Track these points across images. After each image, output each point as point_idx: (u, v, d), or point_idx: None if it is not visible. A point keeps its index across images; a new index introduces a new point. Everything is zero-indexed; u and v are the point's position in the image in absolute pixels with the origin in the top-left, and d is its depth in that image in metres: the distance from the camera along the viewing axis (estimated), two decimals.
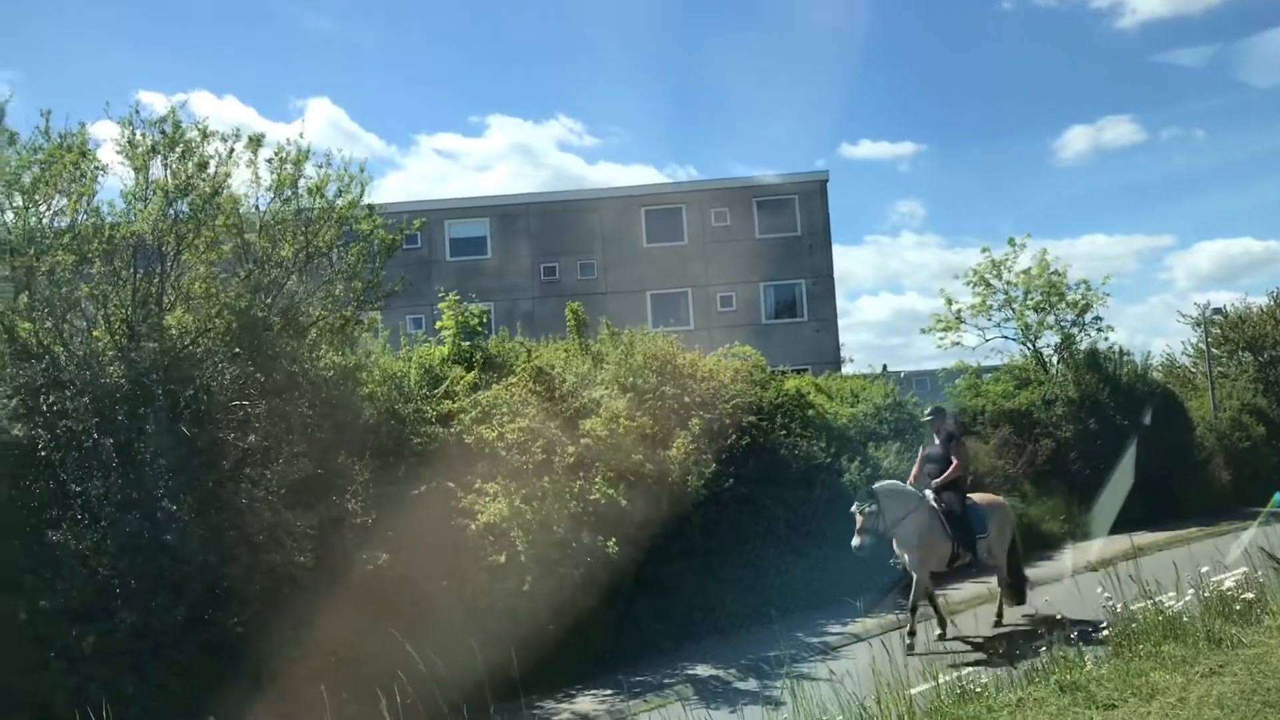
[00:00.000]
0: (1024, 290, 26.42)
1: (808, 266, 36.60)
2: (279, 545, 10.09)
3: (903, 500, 11.81)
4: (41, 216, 10.21)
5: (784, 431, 16.02)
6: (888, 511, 11.51)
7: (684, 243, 36.73)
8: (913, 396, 21.44)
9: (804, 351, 33.84)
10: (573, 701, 10.80)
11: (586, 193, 39.07)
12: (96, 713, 7.70)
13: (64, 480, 9.54)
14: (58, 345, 10.14)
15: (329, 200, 11.82)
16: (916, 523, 11.76)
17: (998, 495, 13.41)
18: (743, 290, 36.38)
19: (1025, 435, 22.05)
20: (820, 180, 37.58)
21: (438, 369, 14.14)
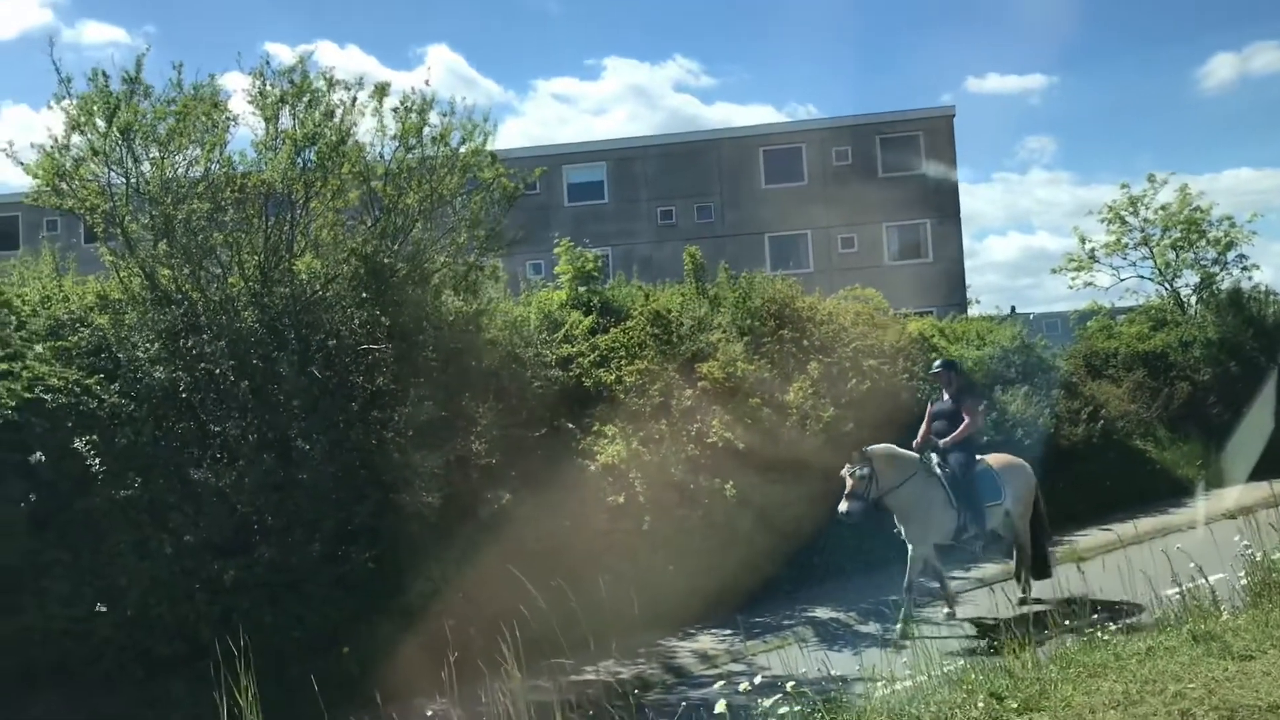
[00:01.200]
0: (1162, 228, 25.33)
1: (933, 206, 35.68)
2: (407, 485, 10.39)
3: (900, 464, 10.77)
4: (177, 167, 10.57)
5: (906, 375, 15.75)
6: (882, 476, 10.52)
7: (803, 183, 36.15)
8: (1042, 339, 20.85)
9: (928, 294, 33.07)
10: (692, 640, 10.93)
11: (704, 134, 38.69)
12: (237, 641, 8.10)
13: (204, 420, 9.97)
14: (195, 291, 10.55)
15: (452, 148, 11.96)
16: (915, 489, 10.72)
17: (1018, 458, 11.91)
18: (864, 231, 35.71)
19: (1160, 378, 21.26)
20: (946, 116, 36.47)
21: (557, 314, 14.30)
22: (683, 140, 37.57)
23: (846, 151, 35.89)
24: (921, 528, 10.72)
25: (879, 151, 35.98)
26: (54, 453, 8.88)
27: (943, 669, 6.42)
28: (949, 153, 36.13)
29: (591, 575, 10.17)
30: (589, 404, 12.87)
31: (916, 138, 35.99)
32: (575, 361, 13.20)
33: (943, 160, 35.99)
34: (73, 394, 9.38)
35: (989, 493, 10.96)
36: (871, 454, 10.53)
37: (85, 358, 9.95)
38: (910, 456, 10.94)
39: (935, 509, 10.73)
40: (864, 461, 10.47)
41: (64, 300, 10.68)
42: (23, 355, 9.45)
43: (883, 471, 10.49)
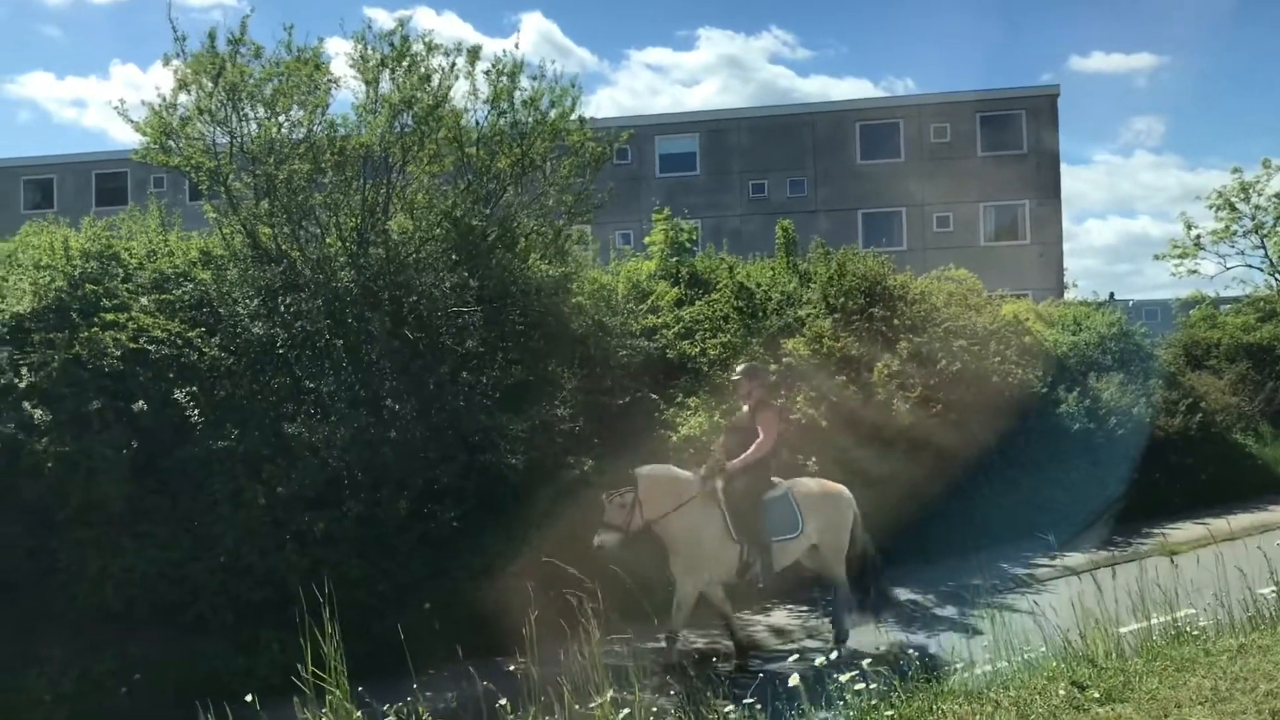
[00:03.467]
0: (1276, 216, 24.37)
1: (1032, 186, 34.85)
2: (493, 446, 10.54)
3: (675, 487, 9.00)
4: (280, 127, 10.82)
5: (997, 358, 15.46)
6: (649, 501, 8.81)
7: (900, 159, 35.58)
8: (1141, 326, 20.28)
9: (1024, 276, 32.36)
10: (768, 614, 10.94)
11: (798, 107, 38.29)
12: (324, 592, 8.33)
13: (299, 377, 10.22)
14: (294, 250, 10.79)
15: (543, 113, 12.00)
16: (690, 518, 8.90)
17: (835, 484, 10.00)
18: (961, 210, 35.04)
19: (1265, 372, 20.57)
20: (1050, 95, 35.52)
21: (644, 283, 14.33)
22: (777, 113, 37.21)
23: (945, 128, 35.20)
24: (691, 562, 8.93)
25: (979, 129, 35.23)
26: (156, 402, 9.19)
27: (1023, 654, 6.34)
28: (1051, 132, 35.21)
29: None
30: (673, 375, 12.90)
31: (1018, 116, 35.14)
32: (660, 332, 13.22)
33: (1044, 140, 35.08)
34: (175, 346, 9.69)
35: (782, 524, 9.14)
36: (638, 476, 8.89)
37: (188, 311, 10.27)
38: (688, 479, 9.15)
39: (711, 541, 8.95)
40: (627, 486, 8.87)
41: (169, 255, 11.03)
42: (129, 307, 9.78)
43: (650, 496, 8.81)
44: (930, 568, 12.47)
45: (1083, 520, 14.31)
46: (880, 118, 36.05)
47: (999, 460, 14.59)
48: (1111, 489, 15.38)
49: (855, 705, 5.51)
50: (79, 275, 9.90)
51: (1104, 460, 15.96)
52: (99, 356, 9.11)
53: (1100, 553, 11.51)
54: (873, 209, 35.08)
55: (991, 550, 11.49)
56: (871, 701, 5.57)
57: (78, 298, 9.69)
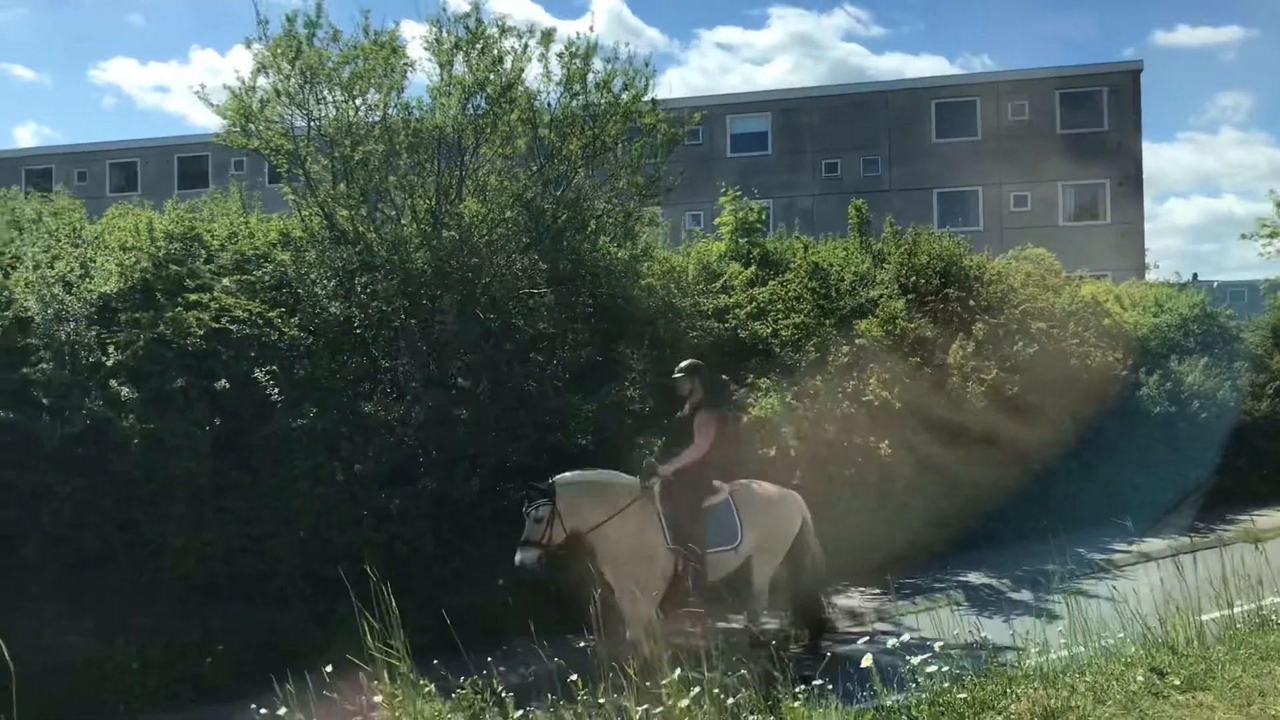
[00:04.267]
0: None
1: (1113, 165, 33.99)
2: (563, 426, 10.63)
3: (604, 496, 8.28)
4: (357, 110, 10.98)
5: (1076, 340, 15.16)
6: (573, 512, 8.06)
7: (976, 138, 34.94)
8: (1226, 308, 19.73)
9: (1104, 256, 31.61)
10: (840, 597, 10.89)
11: (873, 85, 37.77)
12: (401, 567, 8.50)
13: (375, 356, 10.39)
14: (370, 231, 10.96)
15: (614, 94, 12.01)
16: (626, 527, 8.20)
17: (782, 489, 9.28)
18: (1039, 190, 34.33)
19: None
20: (1133, 70, 34.58)
21: (715, 264, 14.28)
22: (851, 91, 36.75)
23: (1024, 106, 34.48)
24: (634, 576, 8.11)
25: (1058, 107, 34.45)
26: (237, 381, 9.41)
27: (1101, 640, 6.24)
28: (1133, 110, 34.31)
29: None
30: (743, 356, 12.85)
31: (1099, 94, 34.29)
32: (731, 313, 13.18)
33: (1126, 118, 34.19)
34: (255, 326, 9.90)
35: (721, 534, 8.42)
36: (558, 486, 8.10)
37: (268, 292, 10.49)
38: (623, 484, 8.47)
39: (647, 551, 8.21)
40: (544, 497, 8.06)
41: (249, 236, 11.26)
42: (211, 287, 10.01)
43: (574, 507, 8.08)
44: (1003, 552, 12.33)
45: (1163, 506, 14.02)
46: (956, 96, 35.40)
47: (1076, 444, 14.33)
48: (1193, 474, 15.04)
49: (928, 688, 5.48)
50: (163, 256, 10.15)
51: (1186, 445, 15.59)
52: (183, 336, 9.35)
53: (1181, 539, 11.24)
54: (948, 188, 34.51)
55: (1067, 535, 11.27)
56: (944, 684, 5.54)
57: (162, 278, 9.94)
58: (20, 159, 40.03)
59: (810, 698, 5.43)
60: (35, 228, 10.76)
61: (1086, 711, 5.19)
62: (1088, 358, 14.96)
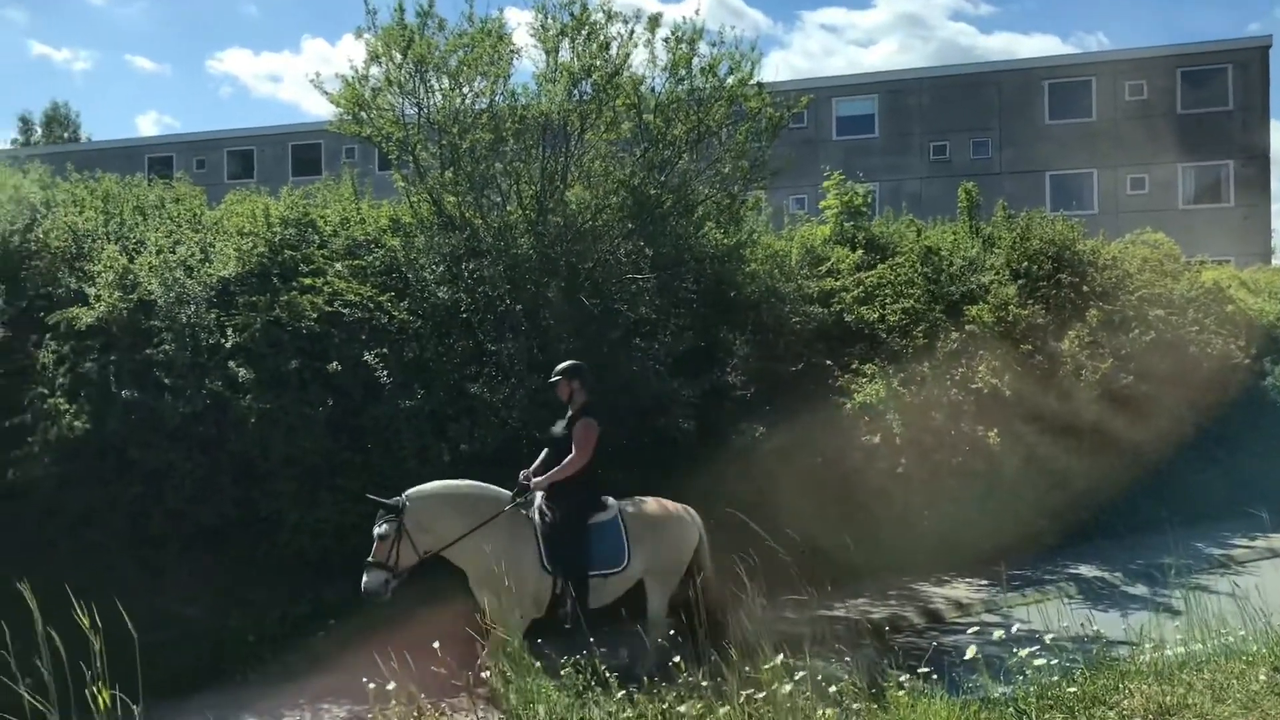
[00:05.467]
0: None
1: (1237, 145, 32.60)
2: (665, 411, 10.66)
3: (462, 509, 7.41)
4: (464, 98, 11.13)
5: (1195, 328, 14.61)
6: (424, 529, 7.18)
7: (1091, 119, 33.84)
8: None
9: (1227, 241, 30.36)
10: (945, 587, 10.73)
11: (983, 65, 36.88)
12: None
13: (481, 340, 10.56)
14: (477, 218, 11.12)
15: (720, 79, 11.94)
16: (493, 543, 7.26)
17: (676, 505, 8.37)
18: (1157, 171, 33.11)
19: None
20: (1260, 46, 33.08)
21: (819, 249, 14.14)
22: (961, 72, 35.93)
23: (1141, 85, 33.27)
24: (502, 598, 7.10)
25: (1179, 85, 33.14)
26: (349, 363, 9.66)
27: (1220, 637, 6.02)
28: (1261, 88, 32.83)
29: (842, 514, 10.15)
30: (848, 341, 12.71)
31: (1223, 71, 32.88)
32: (837, 297, 13.03)
33: (1252, 96, 32.75)
34: (366, 309, 10.16)
35: (605, 555, 7.59)
36: (408, 499, 7.23)
37: (378, 276, 10.74)
38: (486, 496, 7.62)
39: (518, 571, 7.24)
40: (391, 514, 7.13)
41: (361, 222, 11.54)
42: (324, 272, 10.29)
43: (425, 523, 7.22)
44: (1117, 544, 11.99)
45: None
46: (1071, 75, 34.32)
47: (1195, 435, 13.84)
48: None
49: (1036, 680, 5.36)
50: (279, 242, 10.47)
51: None
52: (297, 319, 9.64)
53: None
54: (1061, 171, 33.52)
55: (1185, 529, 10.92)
56: (1053, 677, 5.41)
57: (278, 263, 10.26)
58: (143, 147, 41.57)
59: (915, 688, 5.36)
60: (158, 213, 11.18)
61: (1204, 710, 5.03)
62: (1208, 346, 14.43)
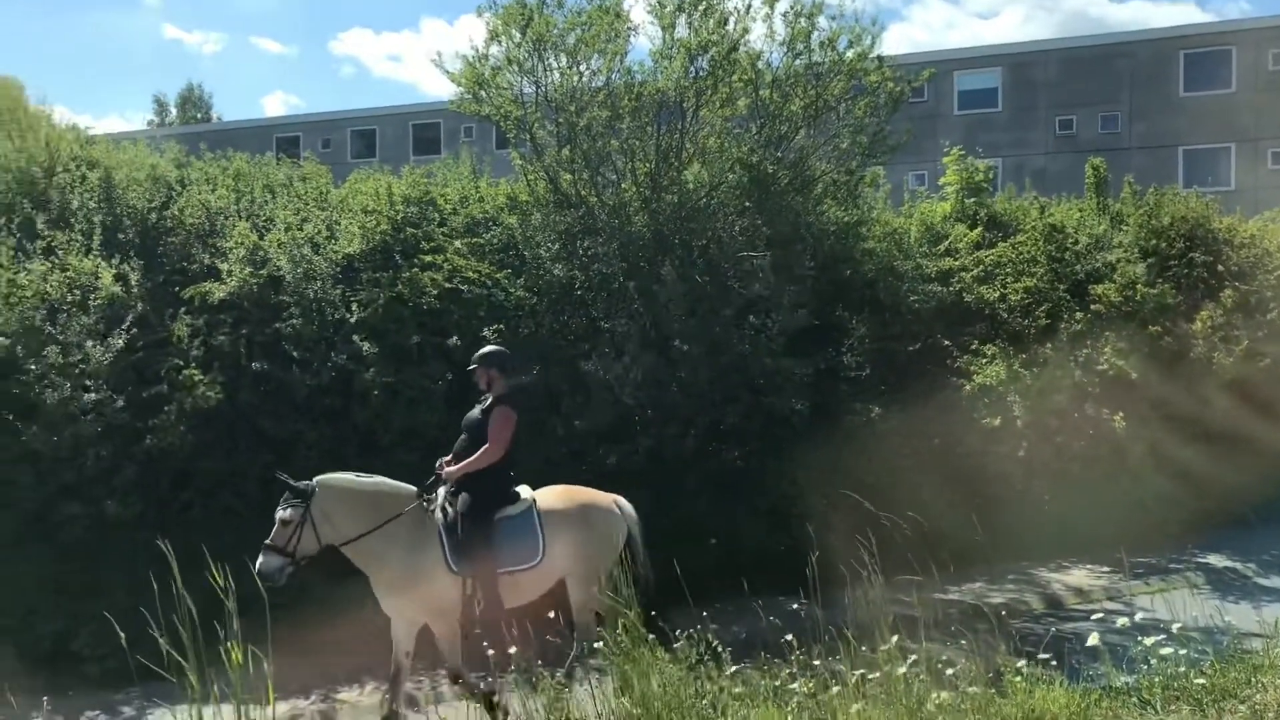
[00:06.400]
0: None
1: None
2: (777, 390, 10.61)
3: (367, 505, 6.85)
4: (581, 76, 11.21)
5: None
6: (327, 520, 6.68)
7: (1231, 90, 32.24)
8: None
9: None
10: (1065, 573, 10.48)
11: (1114, 36, 35.45)
12: None
13: (595, 317, 10.67)
14: (592, 196, 11.20)
15: (839, 53, 11.78)
16: (394, 541, 6.79)
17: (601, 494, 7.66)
18: None
19: None
20: None
21: (939, 226, 13.85)
22: (1091, 43, 34.60)
23: None
24: (401, 599, 6.85)
25: None
26: (467, 338, 9.86)
27: None
28: None
29: (959, 497, 9.99)
30: (968, 321, 12.44)
31: None
32: (956, 276, 12.75)
33: None
34: (484, 286, 10.36)
35: (518, 551, 6.99)
36: (319, 486, 6.74)
37: (495, 254, 10.93)
38: (393, 492, 7.03)
39: (422, 572, 6.82)
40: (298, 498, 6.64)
41: (479, 200, 11.74)
42: (444, 249, 10.51)
43: (330, 514, 6.71)
44: (1250, 535, 11.52)
45: None
46: (1209, 45, 32.76)
47: None
48: None
49: (1161, 671, 5.20)
50: (400, 219, 10.73)
51: None
52: (418, 295, 9.89)
53: None
54: (1196, 145, 32.06)
55: None
56: (1180, 668, 5.24)
57: (400, 240, 10.52)
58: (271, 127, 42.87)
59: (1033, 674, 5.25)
60: (286, 191, 11.54)
61: None
62: None
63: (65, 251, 9.17)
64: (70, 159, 10.51)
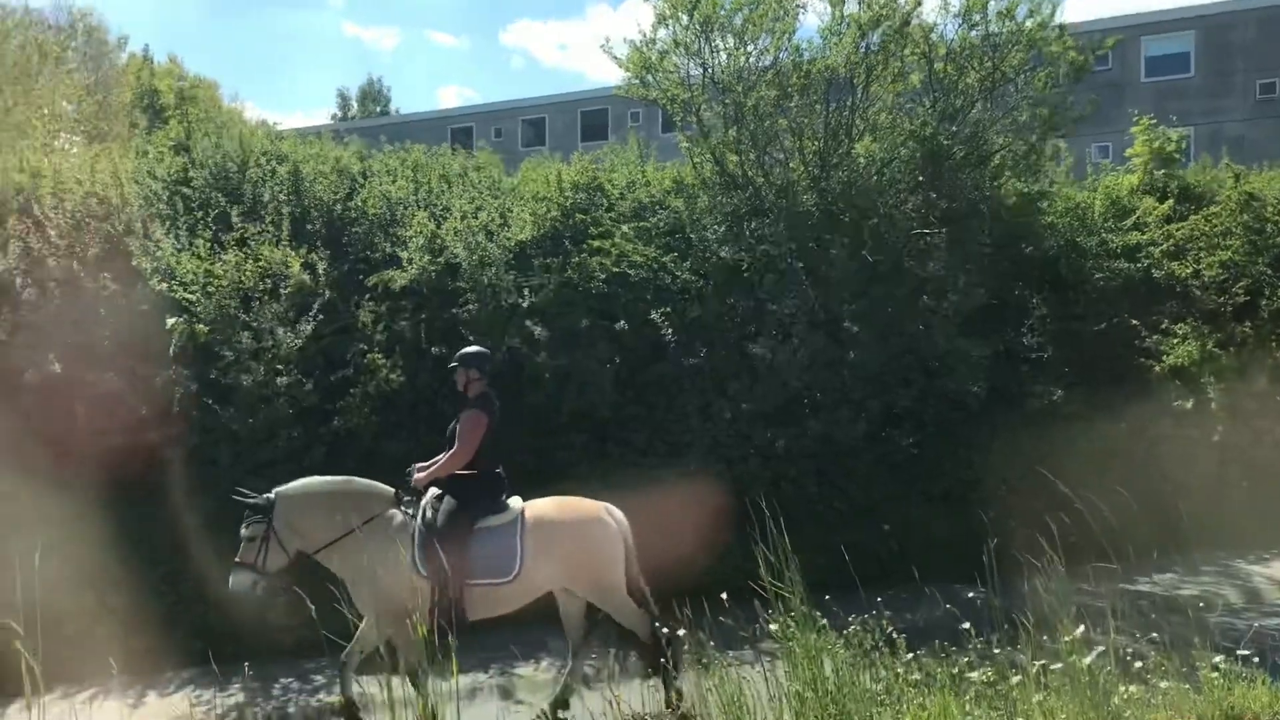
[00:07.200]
0: None
1: None
2: (952, 372, 10.33)
3: (334, 509, 6.61)
4: (748, 56, 11.15)
5: None
6: (293, 530, 6.52)
7: None
8: None
9: None
10: (1267, 565, 9.85)
11: None
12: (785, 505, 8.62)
13: (762, 299, 10.59)
14: (759, 176, 11.13)
15: (1018, 23, 11.36)
16: (361, 550, 6.47)
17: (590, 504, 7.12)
18: None
19: None
20: None
21: (1125, 199, 13.17)
22: None
23: None
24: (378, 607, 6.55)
25: None
26: (635, 321, 9.97)
27: None
28: None
29: (1149, 483, 9.52)
30: (1157, 299, 11.82)
31: None
32: (1144, 251, 12.12)
33: None
34: (651, 270, 10.43)
35: (493, 564, 6.62)
36: (278, 498, 6.56)
37: (662, 237, 10.98)
38: (363, 494, 6.77)
39: (391, 579, 6.49)
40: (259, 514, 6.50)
41: (646, 185, 11.82)
42: (612, 234, 10.63)
43: (295, 524, 6.55)
44: None
45: None
46: None
47: None
48: None
49: None
50: (570, 206, 10.91)
51: None
52: (587, 279, 10.04)
53: None
54: None
55: None
56: None
57: (569, 226, 10.70)
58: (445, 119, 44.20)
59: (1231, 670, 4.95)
60: (461, 181, 11.89)
61: None
62: None
63: (257, 242, 9.66)
64: (261, 154, 11.06)
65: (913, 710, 4.74)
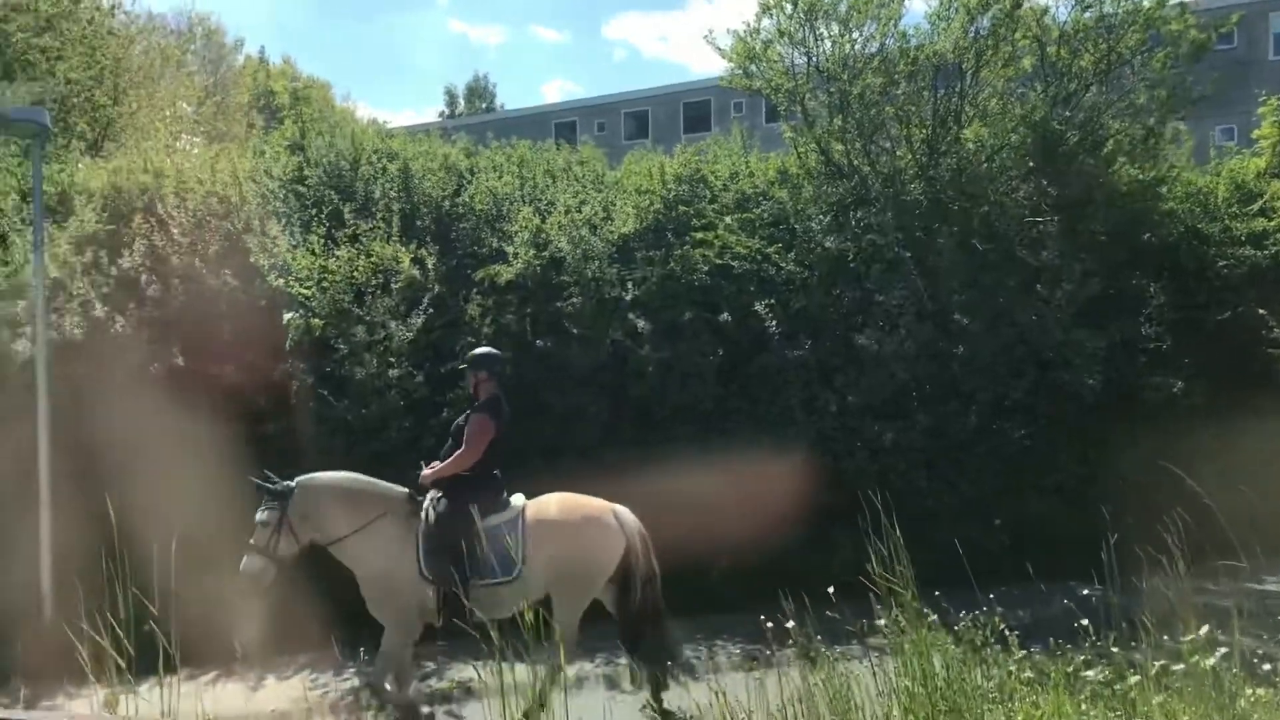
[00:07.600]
0: None
1: None
2: (1066, 364, 10.08)
3: (349, 505, 6.68)
4: (854, 43, 11.02)
5: None
6: (308, 521, 6.57)
7: None
8: None
9: None
10: None
11: None
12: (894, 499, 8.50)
13: (868, 290, 10.45)
14: (865, 164, 10.99)
15: (1134, 2, 11.00)
16: (374, 545, 6.60)
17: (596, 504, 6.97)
18: None
19: None
20: None
21: (1252, 184, 12.62)
22: None
23: None
24: (382, 605, 6.65)
25: None
26: (738, 313, 9.94)
27: None
28: None
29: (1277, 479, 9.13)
30: None
31: None
32: (1272, 238, 11.61)
33: None
34: (755, 261, 10.38)
35: (494, 562, 6.55)
36: (297, 487, 6.65)
37: (766, 228, 10.92)
38: (375, 493, 6.82)
39: (397, 577, 6.60)
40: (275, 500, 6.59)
41: (749, 175, 11.76)
42: (715, 226, 10.61)
43: (310, 515, 6.61)
44: None
45: None
46: None
47: None
48: None
49: None
50: (672, 198, 10.92)
51: None
52: (690, 272, 10.04)
53: None
54: None
55: None
56: None
57: (672, 218, 10.71)
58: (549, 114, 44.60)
59: None
60: (565, 175, 12.00)
61: None
62: None
63: (369, 239, 9.90)
64: (372, 152, 11.33)
65: (1025, 708, 4.64)
